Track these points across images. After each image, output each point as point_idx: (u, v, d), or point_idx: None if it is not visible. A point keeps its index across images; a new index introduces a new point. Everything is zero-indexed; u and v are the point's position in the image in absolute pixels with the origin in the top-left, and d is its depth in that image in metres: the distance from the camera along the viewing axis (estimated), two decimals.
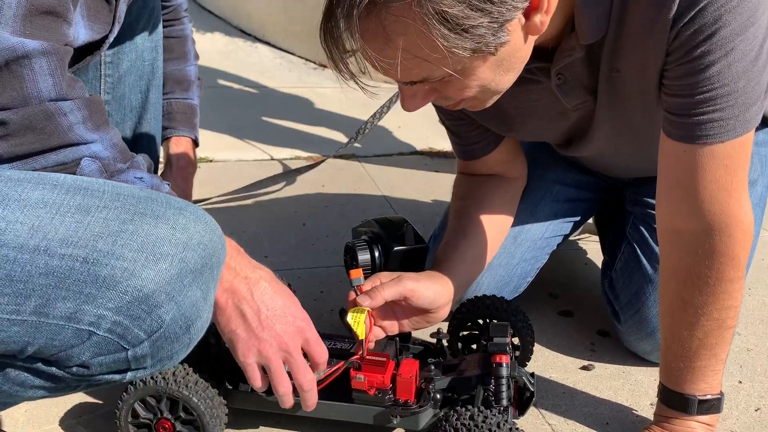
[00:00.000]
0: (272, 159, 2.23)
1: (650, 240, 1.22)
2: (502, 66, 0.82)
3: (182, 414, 0.92)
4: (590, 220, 1.75)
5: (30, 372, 0.69)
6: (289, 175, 2.03)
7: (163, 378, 0.91)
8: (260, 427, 1.04)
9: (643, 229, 1.24)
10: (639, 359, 1.24)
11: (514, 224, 1.26)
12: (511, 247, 1.26)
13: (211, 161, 2.14)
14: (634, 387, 1.17)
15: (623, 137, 1.08)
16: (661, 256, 0.97)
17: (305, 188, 2.00)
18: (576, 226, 1.36)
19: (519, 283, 1.29)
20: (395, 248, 1.12)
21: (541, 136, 1.18)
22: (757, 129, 0.92)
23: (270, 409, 0.99)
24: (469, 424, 0.85)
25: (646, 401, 1.13)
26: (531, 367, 1.21)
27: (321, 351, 0.91)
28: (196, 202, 1.54)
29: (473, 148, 1.19)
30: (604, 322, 1.36)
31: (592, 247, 1.69)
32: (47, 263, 0.64)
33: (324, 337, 0.97)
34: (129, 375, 0.71)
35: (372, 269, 1.13)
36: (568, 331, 1.34)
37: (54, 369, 0.68)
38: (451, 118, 1.17)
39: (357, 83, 0.82)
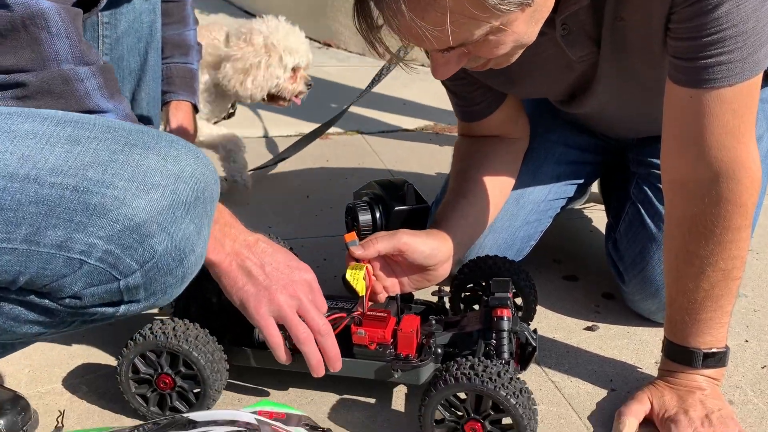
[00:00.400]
0: (277, 137, 2.22)
1: (654, 199, 1.20)
2: (533, 17, 0.81)
3: (183, 369, 0.92)
4: (595, 189, 1.74)
5: (23, 305, 0.69)
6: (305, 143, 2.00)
7: (163, 333, 0.91)
8: (262, 384, 1.04)
9: (646, 189, 1.22)
10: (644, 320, 1.23)
11: (516, 186, 1.24)
12: (513, 209, 1.25)
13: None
14: (638, 346, 1.16)
15: (627, 91, 1.07)
16: (667, 208, 0.95)
17: (309, 163, 1.99)
18: (579, 190, 1.34)
19: (522, 247, 1.28)
20: (396, 208, 1.12)
21: (544, 92, 1.17)
22: (762, 86, 0.91)
23: (272, 366, 0.98)
24: (469, 373, 0.85)
25: (651, 360, 1.12)
26: (534, 328, 1.20)
27: (323, 301, 0.94)
28: None
29: (475, 109, 1.18)
30: (609, 285, 1.34)
31: (598, 216, 1.68)
32: (37, 192, 0.64)
33: (327, 298, 0.98)
34: (122, 308, 0.71)
35: (373, 230, 1.13)
36: (573, 295, 1.33)
37: (47, 301, 0.68)
38: (452, 79, 1.15)
39: (397, 60, 0.84)
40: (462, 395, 0.87)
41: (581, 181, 1.33)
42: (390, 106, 2.48)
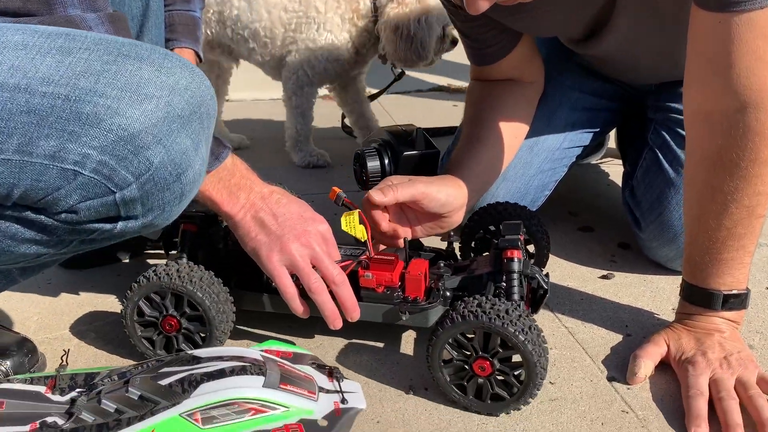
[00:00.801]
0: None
1: (672, 143, 1.17)
2: None
3: (187, 310, 0.91)
4: (612, 144, 1.70)
5: (20, 222, 0.68)
6: None
7: (167, 274, 0.90)
8: (270, 329, 1.02)
9: (664, 133, 1.19)
10: (661, 268, 1.20)
11: (529, 134, 1.21)
12: (527, 157, 1.22)
13: (227, 101, 2.12)
14: (655, 294, 1.13)
15: (646, 27, 1.03)
16: (689, 143, 0.91)
17: (322, 122, 1.97)
18: (596, 138, 1.31)
19: (536, 196, 1.25)
20: (405, 153, 1.09)
21: (561, 29, 1.13)
22: None
23: (280, 310, 0.97)
24: (476, 311, 0.82)
25: (668, 306, 1.09)
26: (550, 277, 1.17)
27: (338, 251, 0.93)
28: None
29: (488, 51, 1.15)
30: (625, 235, 1.31)
31: (615, 170, 1.65)
32: (28, 101, 0.62)
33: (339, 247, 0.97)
34: (120, 225, 0.70)
35: (381, 176, 1.11)
36: (588, 245, 1.30)
37: (43, 217, 0.67)
38: (466, 20, 1.12)
39: None
40: (470, 335, 0.84)
41: (597, 129, 1.29)
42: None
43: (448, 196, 1.02)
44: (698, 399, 0.85)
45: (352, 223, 0.97)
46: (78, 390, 0.75)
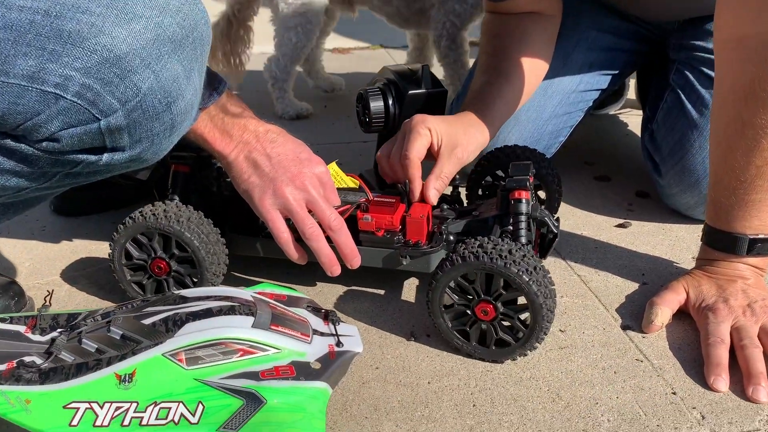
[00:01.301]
0: None
1: (696, 83, 1.10)
2: None
3: (176, 251, 0.86)
4: (632, 94, 1.62)
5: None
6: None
7: (153, 214, 0.85)
8: (266, 275, 0.98)
9: (688, 73, 1.11)
10: (681, 217, 1.14)
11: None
12: (541, 100, 1.15)
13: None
14: (674, 242, 1.07)
15: None
16: (718, 73, 0.84)
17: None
18: (614, 81, 1.23)
19: (550, 143, 1.19)
20: (410, 92, 1.03)
21: None
22: None
23: (276, 255, 0.93)
24: (477, 252, 0.77)
25: (688, 255, 1.03)
26: (562, 227, 1.12)
27: (336, 196, 0.88)
28: None
29: None
30: (644, 184, 1.25)
31: (634, 121, 1.58)
32: (4, 15, 0.58)
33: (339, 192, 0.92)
34: (105, 156, 0.65)
35: (385, 118, 1.05)
36: (604, 194, 1.24)
37: (23, 146, 0.63)
38: None
39: None
40: (472, 277, 0.79)
41: (616, 71, 1.22)
42: None
43: (478, 148, 0.97)
44: (719, 347, 0.79)
45: (337, 176, 0.92)
46: (59, 330, 0.72)
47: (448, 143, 0.93)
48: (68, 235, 1.11)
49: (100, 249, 1.06)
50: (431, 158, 0.94)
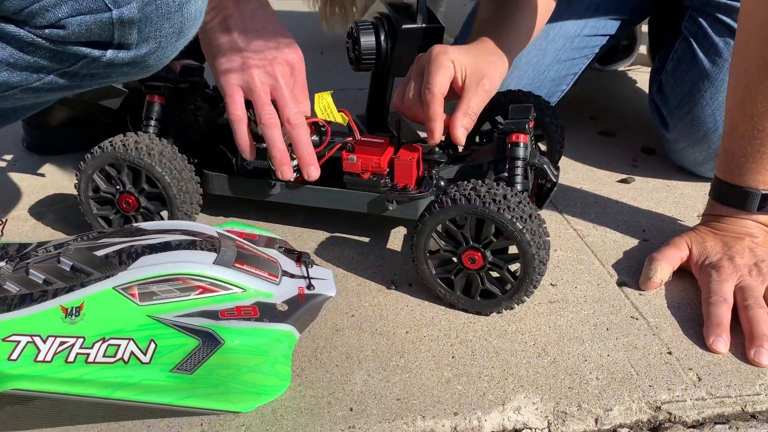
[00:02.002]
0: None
1: (709, 31, 1.02)
2: None
3: (146, 186, 0.81)
4: (643, 50, 1.55)
5: None
6: None
7: (123, 145, 0.80)
8: (243, 217, 0.93)
9: (701, 20, 1.04)
10: (687, 174, 1.07)
11: None
12: (542, 44, 1.08)
13: None
14: (679, 200, 1.01)
15: None
16: (743, 12, 0.77)
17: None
18: (623, 28, 1.16)
19: (551, 91, 1.12)
20: (404, 27, 0.96)
21: None
22: None
23: (252, 196, 0.87)
24: (470, 195, 0.71)
25: (693, 213, 0.97)
26: (561, 180, 1.06)
27: (305, 92, 0.82)
28: None
29: None
30: (650, 140, 1.19)
31: (644, 78, 1.50)
32: None
33: (333, 134, 0.87)
34: (110, 53, 0.60)
35: (377, 54, 0.98)
36: (608, 148, 1.17)
37: (24, 32, 0.57)
38: None
39: None
40: (461, 222, 0.74)
41: (625, 16, 1.14)
42: None
43: (501, 78, 0.88)
44: (720, 306, 0.74)
45: (327, 106, 0.85)
46: (6, 259, 0.66)
47: (473, 75, 0.83)
48: (40, 172, 1.05)
49: (72, 186, 1.01)
50: (452, 97, 0.85)
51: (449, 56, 0.82)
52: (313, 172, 0.81)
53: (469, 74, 0.83)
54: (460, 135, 0.82)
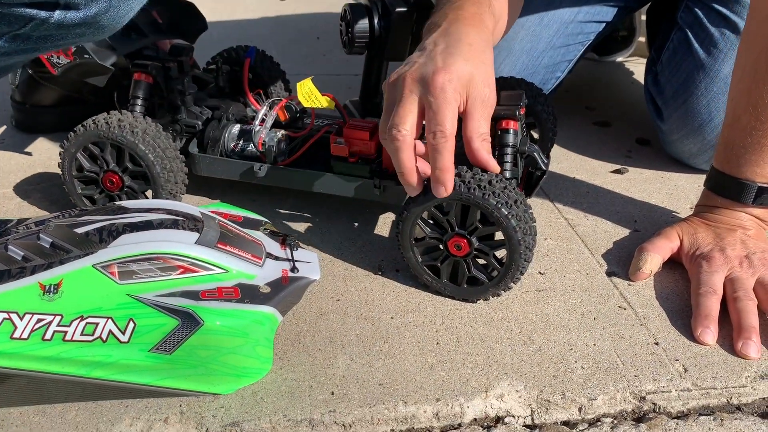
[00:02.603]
0: None
1: (705, 21, 1.01)
2: None
3: (129, 165, 0.80)
4: (642, 38, 1.53)
5: None
6: None
7: (107, 123, 0.79)
8: (231, 200, 0.92)
9: (697, 10, 1.02)
10: (681, 166, 1.06)
11: (539, 2, 1.06)
12: (536, 29, 1.06)
13: None
14: (672, 191, 1.00)
15: None
16: (752, 1, 0.75)
17: (323, 8, 1.82)
18: (620, 16, 1.14)
19: (546, 78, 1.11)
20: (398, 9, 0.95)
21: None
22: None
23: (242, 179, 0.86)
24: (455, 182, 0.70)
25: (686, 204, 0.96)
26: (553, 169, 1.05)
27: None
28: None
29: None
30: (646, 131, 1.18)
31: (641, 70, 1.48)
32: None
33: (318, 116, 0.88)
34: (57, 14, 0.58)
35: (370, 38, 0.97)
36: (602, 139, 1.16)
37: None
38: None
39: None
40: (447, 209, 0.73)
41: (621, 3, 1.12)
42: None
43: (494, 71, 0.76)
44: (710, 297, 0.73)
45: (312, 94, 0.84)
46: None
47: (476, 90, 0.68)
48: (28, 151, 1.04)
49: (58, 165, 1.00)
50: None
51: (450, 76, 0.66)
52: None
53: (471, 92, 0.68)
54: (495, 165, 0.71)
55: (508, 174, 0.79)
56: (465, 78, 0.67)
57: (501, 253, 0.72)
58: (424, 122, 0.68)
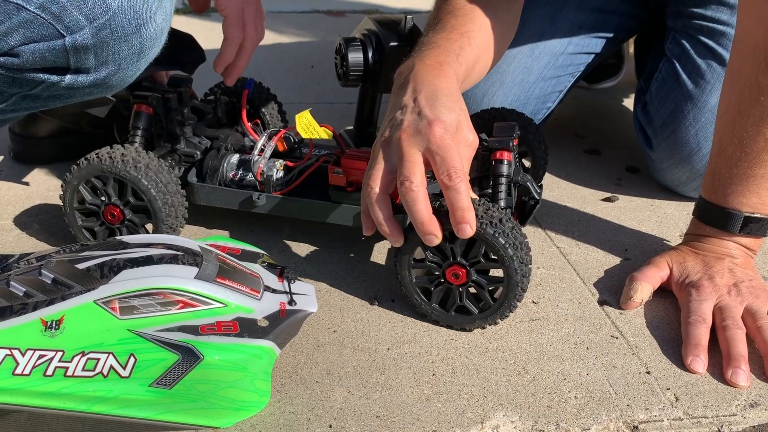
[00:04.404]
0: (289, 12, 2.07)
1: (692, 53, 1.04)
2: None
3: (131, 199, 0.81)
4: (631, 69, 1.56)
5: None
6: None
7: (110, 157, 0.80)
8: (229, 230, 0.93)
9: (685, 42, 1.05)
10: (671, 194, 1.08)
11: (530, 36, 1.08)
12: (527, 62, 1.09)
13: None
14: (662, 219, 1.02)
15: None
16: (739, 32, 0.77)
17: (320, 37, 1.84)
18: (609, 46, 1.17)
19: (537, 108, 1.13)
20: (391, 44, 0.97)
21: None
22: None
23: (241, 208, 0.87)
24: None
25: (675, 233, 0.98)
26: (545, 197, 1.07)
27: None
28: None
29: None
30: (636, 159, 1.20)
31: (630, 97, 1.51)
32: None
33: (316, 146, 0.90)
34: (68, 78, 0.60)
35: (364, 71, 0.99)
36: (592, 167, 1.18)
37: None
38: None
39: None
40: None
41: (609, 34, 1.15)
42: None
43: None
44: (699, 326, 0.74)
45: (310, 125, 0.86)
46: None
47: (458, 134, 0.71)
48: (26, 182, 1.05)
49: (57, 197, 1.01)
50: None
51: (445, 125, 0.68)
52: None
53: (458, 137, 0.70)
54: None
55: (502, 203, 0.80)
56: (454, 125, 0.70)
57: (496, 286, 0.73)
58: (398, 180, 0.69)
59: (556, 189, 1.10)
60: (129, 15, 0.59)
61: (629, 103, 1.49)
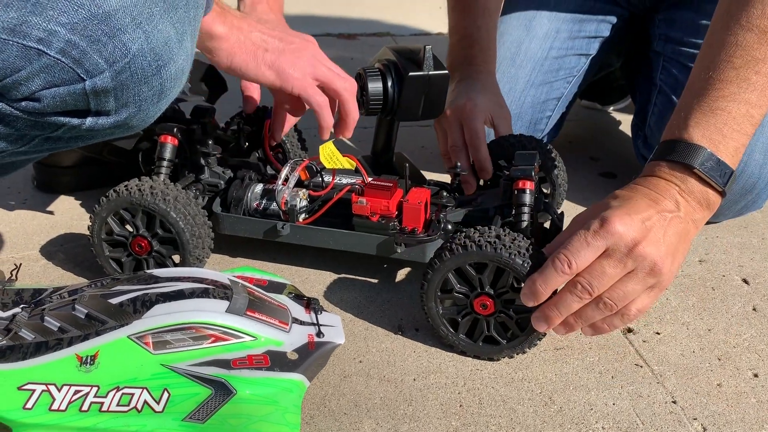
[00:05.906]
0: None
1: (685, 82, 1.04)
2: None
3: (159, 231, 0.82)
4: None
5: None
6: None
7: (139, 190, 0.81)
8: (253, 258, 0.94)
9: (676, 72, 1.06)
10: None
11: (508, 46, 1.11)
12: (510, 71, 1.11)
13: None
14: None
15: None
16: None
17: (332, 59, 1.86)
18: (604, 47, 1.15)
19: (535, 117, 1.13)
20: (410, 74, 0.98)
21: None
22: None
23: (265, 237, 0.88)
24: (477, 238, 0.73)
25: (694, 257, 0.98)
26: (561, 211, 1.07)
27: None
28: None
29: None
30: None
31: None
32: None
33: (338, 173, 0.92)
34: (89, 120, 0.61)
35: (384, 100, 1.00)
36: (609, 191, 1.18)
37: (1, 105, 0.58)
38: None
39: None
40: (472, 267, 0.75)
41: (593, 35, 1.14)
42: (423, 6, 2.32)
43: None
44: (558, 276, 0.67)
45: (334, 156, 0.88)
46: (22, 306, 0.67)
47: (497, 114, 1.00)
48: (50, 210, 1.07)
49: (82, 225, 1.02)
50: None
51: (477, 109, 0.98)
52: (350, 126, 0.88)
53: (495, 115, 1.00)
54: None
55: (526, 233, 0.81)
56: (488, 107, 1.02)
57: (523, 316, 0.74)
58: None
59: (573, 213, 1.09)
60: (149, 57, 0.60)
61: None
